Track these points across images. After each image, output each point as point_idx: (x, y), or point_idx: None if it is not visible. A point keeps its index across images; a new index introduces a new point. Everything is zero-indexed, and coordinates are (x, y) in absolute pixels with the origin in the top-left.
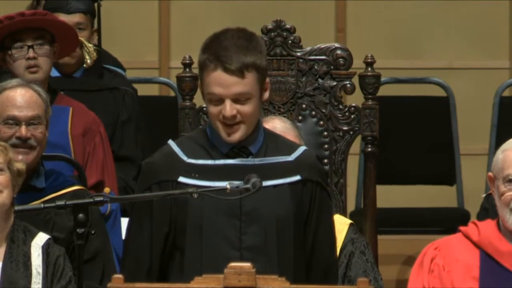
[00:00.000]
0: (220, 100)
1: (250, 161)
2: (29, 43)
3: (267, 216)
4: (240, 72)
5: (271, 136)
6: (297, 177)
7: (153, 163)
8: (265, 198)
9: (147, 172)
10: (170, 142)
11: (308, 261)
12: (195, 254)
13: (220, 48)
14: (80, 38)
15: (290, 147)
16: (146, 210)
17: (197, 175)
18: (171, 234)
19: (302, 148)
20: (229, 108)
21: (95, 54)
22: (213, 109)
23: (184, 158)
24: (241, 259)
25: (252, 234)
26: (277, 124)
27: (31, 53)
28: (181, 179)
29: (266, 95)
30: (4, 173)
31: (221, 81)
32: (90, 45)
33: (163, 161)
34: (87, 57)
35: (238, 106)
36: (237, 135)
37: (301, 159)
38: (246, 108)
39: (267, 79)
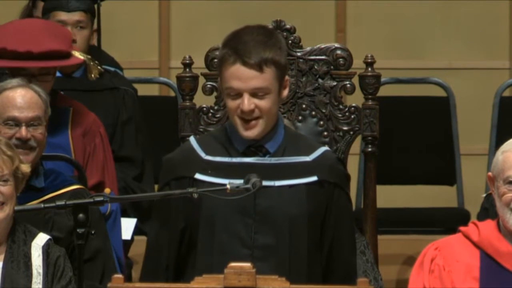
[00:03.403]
0: (238, 94)
1: (266, 160)
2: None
3: (280, 216)
4: (258, 67)
5: (293, 135)
6: (314, 178)
7: (172, 159)
8: (279, 197)
9: (166, 168)
10: (191, 138)
11: (327, 264)
12: (207, 251)
13: (239, 43)
14: (83, 57)
15: (310, 147)
16: (164, 208)
17: (213, 172)
18: (188, 231)
19: (323, 149)
20: (247, 102)
21: (97, 71)
22: (231, 104)
23: (202, 154)
24: (253, 257)
25: (264, 233)
26: None
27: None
28: (198, 175)
29: (285, 92)
30: (9, 183)
31: (239, 74)
32: (93, 63)
33: (181, 157)
34: (91, 74)
35: (256, 101)
36: (255, 131)
37: (319, 160)
38: (264, 103)
39: (287, 77)
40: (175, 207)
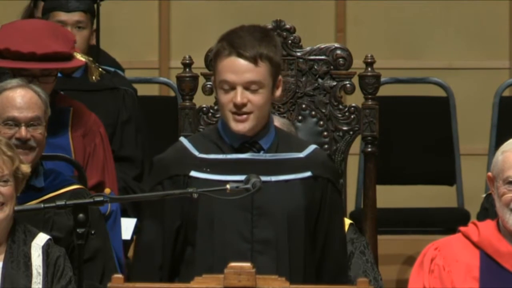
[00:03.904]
0: (231, 88)
1: (261, 156)
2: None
3: (278, 210)
4: (253, 59)
5: (283, 134)
6: (308, 173)
7: (165, 158)
8: (277, 192)
9: (159, 167)
10: (182, 138)
11: (319, 260)
12: (206, 247)
13: (235, 37)
14: (84, 59)
15: (301, 144)
16: (158, 206)
17: (208, 170)
18: (183, 229)
19: (313, 146)
20: (240, 95)
21: (98, 73)
22: (224, 98)
23: (196, 153)
24: (253, 251)
25: (263, 227)
26: None
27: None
28: (193, 173)
29: (278, 92)
30: (9, 183)
31: (234, 67)
32: (94, 65)
33: (175, 156)
34: (92, 76)
35: (249, 95)
36: (246, 125)
37: (312, 156)
38: (257, 98)
39: (280, 77)
40: (171, 206)
